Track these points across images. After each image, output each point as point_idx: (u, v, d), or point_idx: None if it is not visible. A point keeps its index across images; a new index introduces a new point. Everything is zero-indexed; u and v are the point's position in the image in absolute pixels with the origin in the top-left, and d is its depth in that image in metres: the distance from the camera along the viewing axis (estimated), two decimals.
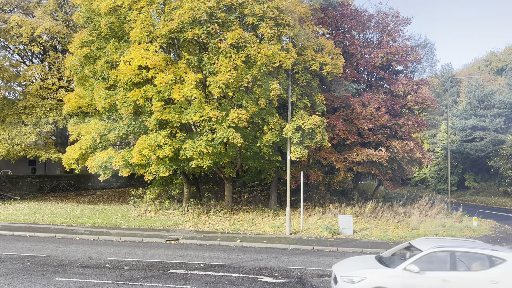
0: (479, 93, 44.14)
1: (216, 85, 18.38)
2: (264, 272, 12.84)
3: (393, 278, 9.27)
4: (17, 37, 28.62)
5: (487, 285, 8.99)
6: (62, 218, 21.36)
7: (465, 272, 9.29)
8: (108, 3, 20.07)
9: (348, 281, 9.44)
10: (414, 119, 25.60)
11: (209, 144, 18.99)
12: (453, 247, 9.63)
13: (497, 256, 9.31)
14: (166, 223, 20.56)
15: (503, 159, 38.84)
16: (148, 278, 11.84)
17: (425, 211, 23.76)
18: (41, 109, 28.41)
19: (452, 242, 10.43)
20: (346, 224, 19.26)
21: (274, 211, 23.98)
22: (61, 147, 31.34)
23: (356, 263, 10.48)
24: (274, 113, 21.05)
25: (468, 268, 9.35)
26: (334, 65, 21.34)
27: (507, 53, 66.67)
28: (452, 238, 11.60)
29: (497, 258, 9.28)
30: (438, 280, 9.12)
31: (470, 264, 9.38)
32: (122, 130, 20.53)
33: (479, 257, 9.40)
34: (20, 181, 30.14)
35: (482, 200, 38.99)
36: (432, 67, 60.11)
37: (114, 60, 21.03)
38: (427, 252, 9.50)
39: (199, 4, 18.69)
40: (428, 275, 9.18)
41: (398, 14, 27.17)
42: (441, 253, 9.52)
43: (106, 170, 21.27)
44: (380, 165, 24.59)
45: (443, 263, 9.39)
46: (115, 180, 35.75)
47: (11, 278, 11.47)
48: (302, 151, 19.88)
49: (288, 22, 19.84)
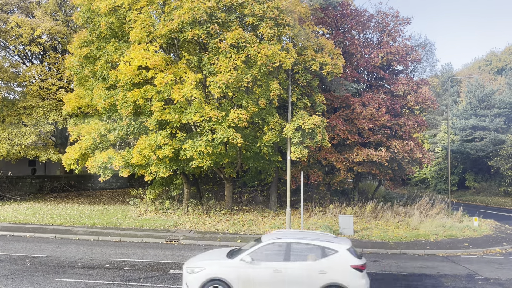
0: (479, 93, 44.11)
1: (216, 85, 18.36)
2: None
3: (229, 268, 9.57)
4: (16, 38, 28.61)
5: (316, 275, 9.27)
6: (62, 219, 21.34)
7: (297, 263, 9.50)
8: (108, 3, 20.05)
9: (190, 272, 9.72)
10: (414, 119, 25.58)
11: (209, 144, 18.96)
12: (290, 238, 9.91)
13: (330, 248, 9.59)
14: (166, 223, 20.54)
15: (503, 159, 38.81)
16: (149, 279, 11.82)
17: (426, 211, 23.75)
18: (41, 109, 28.39)
19: (296, 234, 10.59)
20: (347, 224, 19.24)
21: (275, 211, 23.95)
22: (61, 147, 31.33)
23: (205, 255, 10.75)
24: (274, 113, 21.02)
25: (303, 259, 9.58)
26: (334, 65, 21.32)
27: (507, 53, 66.63)
28: (305, 232, 11.64)
29: (329, 250, 9.57)
30: (271, 270, 9.40)
31: (306, 255, 9.62)
32: (122, 130, 20.51)
33: (314, 248, 9.64)
34: (20, 182, 30.11)
35: (482, 200, 38.96)
36: (432, 67, 60.18)
37: (114, 61, 21.01)
38: (264, 244, 9.81)
39: (199, 4, 18.67)
40: (262, 265, 9.48)
41: (398, 14, 27.15)
42: (277, 245, 9.79)
43: (106, 170, 21.25)
44: (381, 165, 24.57)
45: (278, 254, 9.65)
46: (115, 181, 35.73)
47: (11, 278, 11.46)
48: (302, 151, 19.86)
49: (288, 22, 19.82)
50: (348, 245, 9.82)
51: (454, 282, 12.24)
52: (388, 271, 13.34)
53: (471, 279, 12.69)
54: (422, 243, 17.86)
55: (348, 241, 10.23)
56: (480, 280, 12.55)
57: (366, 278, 9.54)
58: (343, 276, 9.27)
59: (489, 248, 17.19)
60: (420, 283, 12.10)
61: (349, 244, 9.90)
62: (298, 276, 9.35)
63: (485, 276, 12.99)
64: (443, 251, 16.50)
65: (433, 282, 12.20)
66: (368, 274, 12.72)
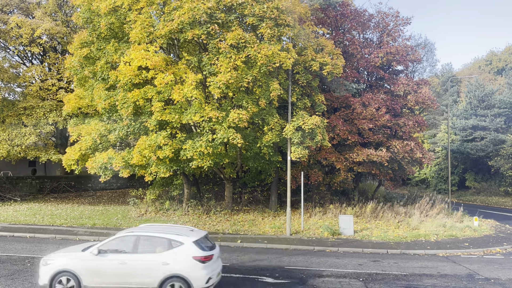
0: (479, 93, 44.11)
1: (216, 85, 18.36)
2: (265, 272, 12.82)
3: (78, 261, 10.00)
4: (16, 38, 28.61)
5: (159, 267, 9.67)
6: (62, 219, 21.34)
7: (143, 255, 9.92)
8: (108, 3, 20.05)
9: (44, 263, 10.19)
10: (414, 119, 25.59)
11: (209, 145, 18.96)
12: (141, 232, 10.33)
13: (176, 240, 9.96)
14: (166, 223, 20.52)
15: (503, 158, 38.81)
16: None
17: (426, 211, 23.74)
18: (41, 110, 28.40)
19: (154, 228, 10.88)
20: (347, 224, 19.23)
21: (275, 212, 23.95)
22: (61, 148, 31.33)
23: (66, 249, 11.18)
24: (274, 114, 21.03)
25: (151, 251, 9.97)
26: (334, 65, 21.33)
27: (507, 53, 66.61)
28: (168, 225, 11.80)
29: (176, 242, 9.94)
30: (116, 262, 9.84)
31: (154, 247, 10.00)
32: (122, 131, 20.51)
33: (161, 241, 10.03)
34: (20, 182, 30.11)
35: (482, 200, 38.95)
36: (432, 67, 60.14)
37: (114, 61, 21.01)
38: (115, 237, 10.27)
39: (199, 5, 18.67)
40: (109, 257, 9.93)
41: (398, 14, 27.17)
42: (127, 238, 10.19)
43: (106, 171, 21.24)
44: (381, 165, 24.58)
45: (127, 247, 10.07)
46: (115, 181, 35.73)
47: (12, 279, 11.46)
48: (303, 151, 19.86)
49: (288, 22, 19.82)
50: (196, 237, 10.18)
51: (455, 282, 12.24)
52: (388, 271, 13.33)
53: (471, 279, 12.69)
54: (422, 243, 17.86)
55: (200, 234, 10.58)
56: (480, 280, 12.54)
57: (209, 269, 9.83)
58: (184, 267, 9.67)
59: (489, 248, 17.18)
60: (421, 283, 12.10)
61: (198, 237, 10.26)
62: (142, 268, 9.76)
63: (485, 276, 12.99)
64: (444, 251, 16.49)
65: (434, 282, 12.19)
66: (368, 274, 12.78)
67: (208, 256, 9.88)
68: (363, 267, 13.88)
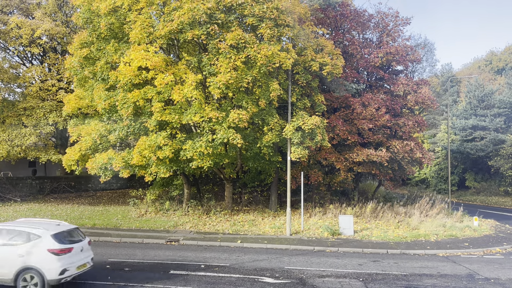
0: (479, 93, 44.12)
1: (216, 86, 18.38)
2: (265, 272, 12.83)
3: None
4: (16, 39, 28.63)
5: (15, 258, 10.13)
6: (62, 220, 21.32)
7: (1, 247, 10.32)
8: (107, 4, 20.07)
9: None
10: (414, 119, 25.60)
11: (209, 145, 18.97)
12: (2, 225, 10.81)
13: (35, 233, 10.40)
14: (166, 224, 20.54)
15: (503, 158, 38.81)
16: (149, 279, 11.83)
17: (426, 211, 23.75)
18: (41, 110, 28.42)
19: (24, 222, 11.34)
20: (347, 225, 19.24)
21: (275, 212, 23.95)
22: (61, 148, 31.34)
23: None
24: (274, 114, 21.04)
25: (10, 243, 10.37)
26: (334, 65, 21.34)
27: (507, 53, 66.62)
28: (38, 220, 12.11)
29: (34, 235, 10.38)
30: None
31: (15, 240, 10.42)
32: (122, 131, 20.52)
33: (21, 234, 10.47)
34: (20, 183, 30.12)
35: (482, 200, 38.95)
36: (432, 67, 60.05)
37: (114, 61, 21.02)
38: None
39: (199, 5, 18.68)
40: None
41: (398, 14, 27.18)
42: None
43: (106, 171, 21.26)
44: (381, 165, 24.59)
45: None
46: (115, 181, 35.75)
47: None
48: (302, 151, 19.87)
49: (287, 22, 19.84)
50: (56, 231, 10.56)
51: (454, 282, 12.24)
52: (388, 271, 13.34)
53: (471, 279, 12.69)
54: (422, 243, 17.87)
55: (64, 228, 10.97)
56: (480, 280, 12.55)
57: (66, 261, 10.22)
58: (38, 260, 10.10)
59: (489, 248, 17.19)
60: (421, 283, 12.10)
61: (58, 230, 10.64)
62: None
63: (485, 276, 13.00)
64: (443, 251, 16.50)
65: (434, 282, 12.20)
66: (368, 274, 12.79)
67: (64, 249, 10.28)
68: (363, 267, 13.89)
